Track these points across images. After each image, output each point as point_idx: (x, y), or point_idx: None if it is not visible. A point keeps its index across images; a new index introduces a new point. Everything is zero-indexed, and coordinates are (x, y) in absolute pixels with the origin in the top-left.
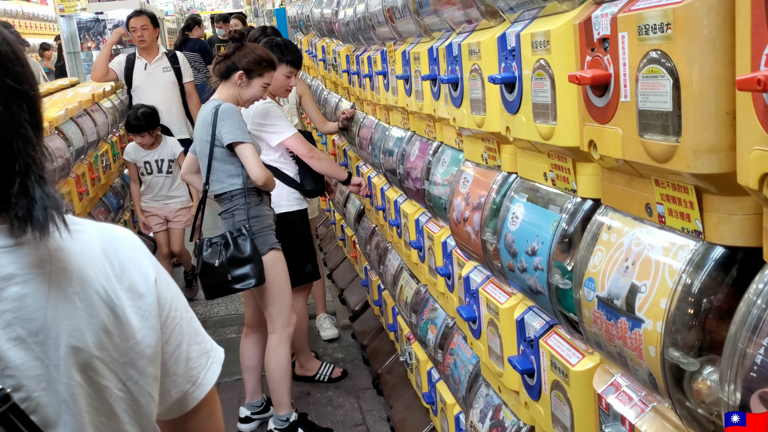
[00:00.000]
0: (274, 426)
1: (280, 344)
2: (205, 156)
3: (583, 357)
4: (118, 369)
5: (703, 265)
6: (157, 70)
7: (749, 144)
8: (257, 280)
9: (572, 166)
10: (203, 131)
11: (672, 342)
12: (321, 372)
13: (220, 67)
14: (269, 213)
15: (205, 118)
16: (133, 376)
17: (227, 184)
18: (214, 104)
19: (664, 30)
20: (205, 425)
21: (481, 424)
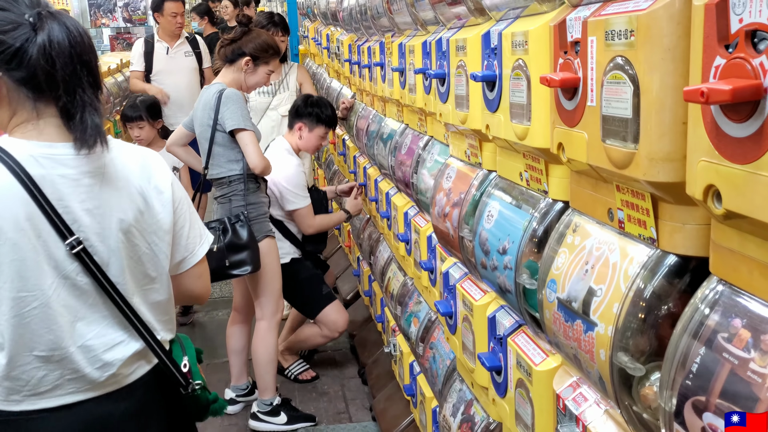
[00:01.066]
0: (258, 409)
1: (269, 330)
2: (206, 140)
3: (546, 357)
4: (146, 235)
5: (655, 272)
6: (179, 54)
7: (697, 155)
8: (253, 267)
9: (545, 167)
10: (204, 114)
11: (622, 347)
12: (291, 368)
13: (226, 50)
14: (265, 200)
15: (207, 101)
16: (155, 240)
17: (226, 169)
18: (217, 88)
19: (627, 37)
20: (196, 282)
21: (452, 418)
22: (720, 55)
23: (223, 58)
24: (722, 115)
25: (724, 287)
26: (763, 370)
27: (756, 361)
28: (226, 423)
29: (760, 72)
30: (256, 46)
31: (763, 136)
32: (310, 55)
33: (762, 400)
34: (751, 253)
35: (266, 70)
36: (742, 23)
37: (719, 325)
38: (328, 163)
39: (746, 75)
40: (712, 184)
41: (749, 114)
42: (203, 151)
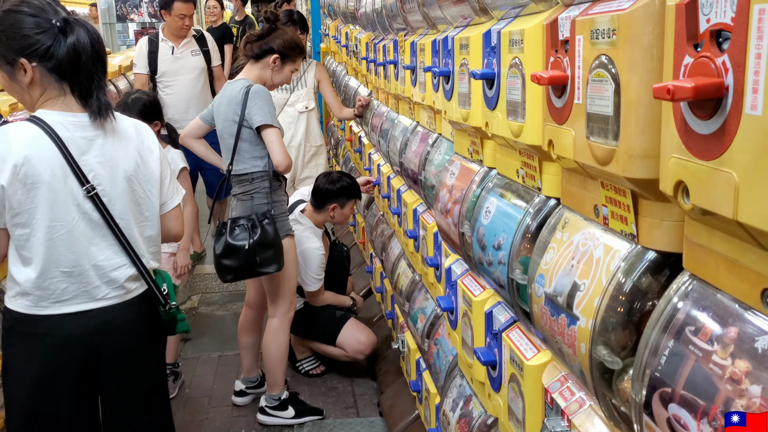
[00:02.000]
0: (266, 403)
1: (281, 328)
2: (231, 135)
3: (538, 352)
4: (142, 183)
5: (635, 267)
6: (186, 54)
7: (669, 152)
8: (279, 265)
9: (538, 164)
10: (230, 109)
11: (602, 340)
12: (304, 363)
13: (254, 47)
14: (285, 198)
15: (233, 97)
16: (148, 187)
17: (249, 166)
18: (243, 83)
19: (610, 36)
20: (174, 223)
21: (452, 413)
22: (689, 54)
23: (249, 53)
24: (690, 113)
25: (695, 282)
26: (724, 362)
27: (718, 354)
28: (235, 414)
29: (722, 70)
30: (285, 43)
31: (725, 133)
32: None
33: (721, 391)
34: (717, 249)
35: (292, 68)
36: (709, 23)
37: (687, 318)
38: (345, 159)
39: (710, 73)
40: (682, 180)
41: (713, 111)
42: (227, 147)
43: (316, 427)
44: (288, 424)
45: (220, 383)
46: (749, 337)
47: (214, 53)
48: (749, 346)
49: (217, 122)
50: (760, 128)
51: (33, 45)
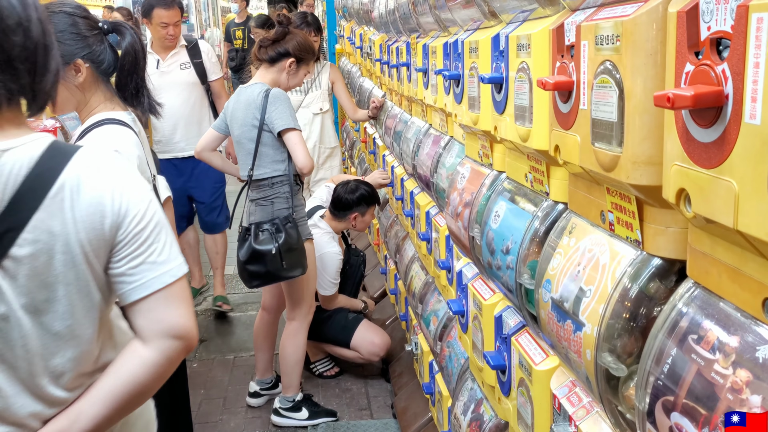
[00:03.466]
0: (280, 405)
1: (300, 330)
2: (251, 140)
3: (546, 357)
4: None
5: (640, 274)
6: (173, 68)
7: (671, 159)
8: (303, 269)
9: (546, 169)
10: (248, 114)
11: (608, 347)
12: (318, 365)
13: (269, 51)
14: (304, 202)
15: (251, 101)
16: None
17: (270, 170)
18: (261, 88)
19: (614, 42)
20: None
21: (463, 416)
22: (690, 62)
23: (264, 57)
24: (691, 121)
25: (699, 290)
26: (725, 371)
27: (720, 363)
28: (250, 416)
29: (722, 79)
30: (300, 47)
31: (725, 142)
32: (346, 54)
33: (722, 400)
34: (720, 257)
35: (305, 71)
36: (710, 31)
37: (690, 326)
38: (359, 161)
39: (710, 81)
40: (684, 188)
41: (713, 119)
42: (246, 152)
43: (329, 428)
44: (302, 425)
45: (235, 385)
46: (750, 347)
47: (211, 65)
48: (750, 356)
49: (232, 128)
50: (759, 138)
51: (90, 46)
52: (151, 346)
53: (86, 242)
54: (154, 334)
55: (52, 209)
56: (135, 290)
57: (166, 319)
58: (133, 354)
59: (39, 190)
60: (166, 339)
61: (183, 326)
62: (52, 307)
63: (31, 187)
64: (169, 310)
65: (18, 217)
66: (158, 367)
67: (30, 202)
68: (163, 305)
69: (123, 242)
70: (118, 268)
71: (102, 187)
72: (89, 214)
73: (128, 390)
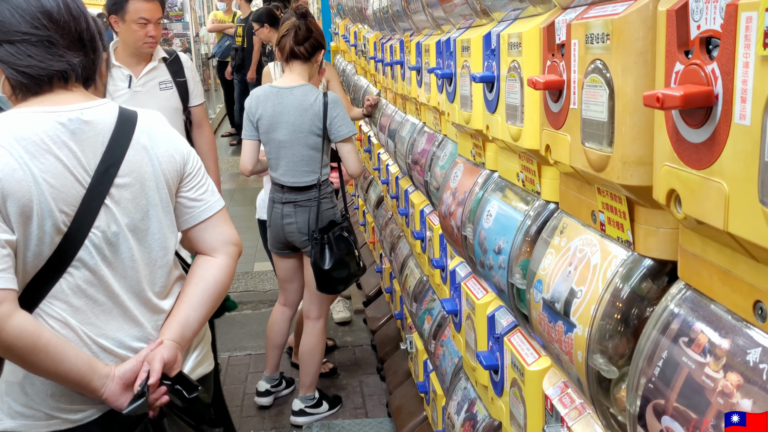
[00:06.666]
0: (303, 405)
1: (323, 330)
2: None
3: (539, 357)
4: None
5: (631, 275)
6: (151, 88)
7: (661, 159)
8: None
9: (537, 168)
10: (304, 120)
11: (599, 349)
12: None
13: (307, 46)
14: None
15: (306, 107)
16: None
17: (322, 174)
18: (313, 92)
19: (604, 40)
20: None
21: (457, 416)
22: (680, 61)
23: (305, 55)
24: (681, 121)
25: (690, 292)
26: (716, 375)
27: (710, 366)
28: (245, 415)
29: (712, 79)
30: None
31: (715, 143)
32: (341, 51)
33: (713, 405)
34: (711, 258)
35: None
36: (700, 30)
37: (681, 329)
38: None
39: (700, 81)
40: (674, 189)
41: (703, 120)
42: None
43: (324, 428)
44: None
45: (230, 384)
46: (741, 350)
47: (194, 86)
48: (741, 359)
49: (275, 132)
50: (749, 139)
51: None
52: (221, 254)
53: (167, 172)
54: (221, 243)
55: (138, 148)
56: (205, 210)
57: (227, 231)
58: (209, 263)
59: (126, 134)
60: (230, 246)
61: (237, 236)
62: (146, 225)
63: (121, 132)
64: (228, 225)
65: (116, 155)
66: (231, 268)
67: (122, 143)
68: (224, 221)
69: (191, 174)
70: (191, 194)
71: (169, 133)
72: (166, 150)
73: (216, 291)
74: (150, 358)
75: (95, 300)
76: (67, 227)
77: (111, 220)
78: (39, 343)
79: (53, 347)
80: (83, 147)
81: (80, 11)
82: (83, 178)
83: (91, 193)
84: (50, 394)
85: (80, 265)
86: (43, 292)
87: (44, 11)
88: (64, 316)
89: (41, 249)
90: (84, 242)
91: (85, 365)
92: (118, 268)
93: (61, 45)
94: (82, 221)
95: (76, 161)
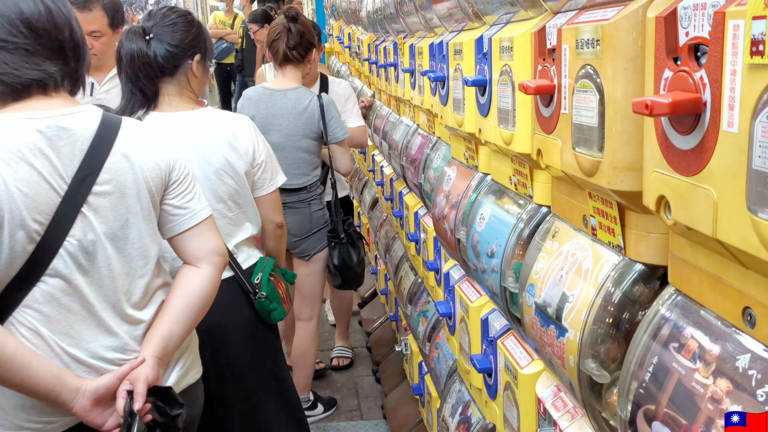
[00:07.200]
0: None
1: (316, 330)
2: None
3: (532, 361)
4: None
5: (622, 280)
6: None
7: (651, 165)
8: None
9: (530, 172)
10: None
11: (591, 353)
12: None
13: (300, 50)
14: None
15: (300, 110)
16: None
17: (312, 176)
18: (306, 95)
19: (594, 46)
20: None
21: (451, 418)
22: (668, 68)
23: (298, 58)
24: (670, 127)
25: (680, 297)
26: (706, 380)
27: (700, 372)
28: None
29: (700, 86)
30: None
31: (704, 150)
32: (335, 53)
33: (703, 411)
34: (701, 264)
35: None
36: (688, 37)
37: (671, 335)
38: None
39: (688, 88)
40: (663, 195)
41: (692, 126)
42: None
43: (320, 430)
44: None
45: None
46: (730, 356)
47: None
48: (731, 365)
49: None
50: (737, 146)
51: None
52: (205, 264)
53: (150, 180)
54: (205, 253)
55: (118, 156)
56: (190, 218)
57: (212, 241)
58: (194, 274)
59: (106, 141)
60: (215, 256)
61: (222, 246)
62: (126, 234)
63: (101, 139)
64: (213, 234)
65: (95, 162)
66: (216, 279)
67: (101, 150)
68: (209, 230)
69: (177, 182)
70: (176, 201)
71: (154, 140)
72: (151, 158)
73: (200, 303)
74: (134, 378)
75: (69, 309)
76: (41, 236)
77: (88, 229)
78: (3, 356)
79: (18, 360)
80: (60, 154)
81: (65, 18)
82: (59, 186)
83: (68, 201)
84: (20, 405)
85: (54, 274)
86: (15, 301)
87: (23, 18)
88: (36, 325)
89: (13, 258)
90: (59, 251)
91: (54, 378)
92: (94, 277)
93: (39, 53)
94: (57, 230)
95: (52, 169)
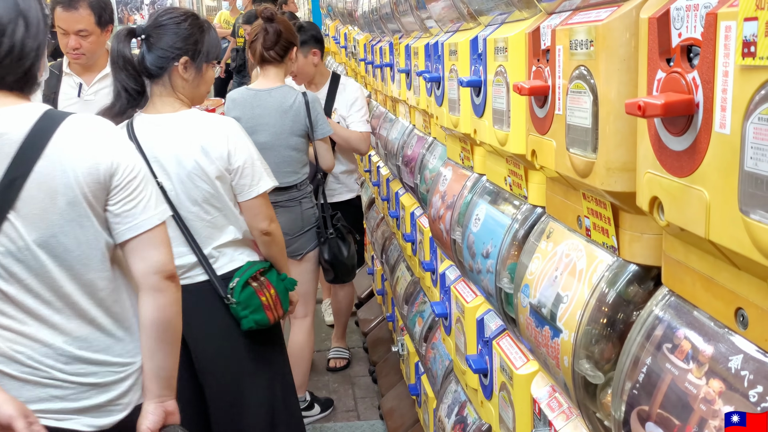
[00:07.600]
0: None
1: (311, 328)
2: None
3: (527, 361)
4: None
5: (617, 280)
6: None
7: (644, 167)
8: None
9: (524, 173)
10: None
11: (585, 354)
12: None
13: (277, 50)
14: None
15: (285, 108)
16: None
17: (301, 174)
18: (291, 93)
19: (588, 47)
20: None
21: (447, 418)
22: (661, 69)
23: (276, 58)
24: (663, 128)
25: (673, 298)
26: (699, 381)
27: (693, 372)
28: None
29: (693, 87)
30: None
31: (696, 151)
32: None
33: (696, 411)
34: (694, 265)
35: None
36: (681, 38)
37: (665, 335)
38: None
39: (681, 89)
40: (656, 196)
41: (684, 128)
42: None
43: (316, 430)
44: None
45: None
46: (723, 357)
47: None
48: (724, 366)
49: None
50: (729, 147)
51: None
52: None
53: (85, 184)
54: (142, 274)
55: (51, 159)
56: (129, 229)
57: (152, 257)
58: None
59: (37, 145)
60: (152, 276)
61: (165, 262)
62: (60, 241)
63: (31, 143)
64: (155, 249)
65: (23, 167)
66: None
67: (31, 154)
68: (151, 244)
69: (119, 187)
70: (115, 208)
71: (97, 142)
72: (86, 161)
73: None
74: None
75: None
76: None
77: (16, 236)
78: None
79: None
80: None
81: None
82: None
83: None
84: None
85: None
86: None
87: None
88: None
89: None
90: None
91: None
92: (29, 285)
93: None
94: None
95: None
